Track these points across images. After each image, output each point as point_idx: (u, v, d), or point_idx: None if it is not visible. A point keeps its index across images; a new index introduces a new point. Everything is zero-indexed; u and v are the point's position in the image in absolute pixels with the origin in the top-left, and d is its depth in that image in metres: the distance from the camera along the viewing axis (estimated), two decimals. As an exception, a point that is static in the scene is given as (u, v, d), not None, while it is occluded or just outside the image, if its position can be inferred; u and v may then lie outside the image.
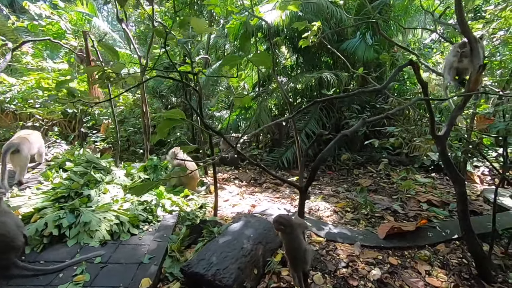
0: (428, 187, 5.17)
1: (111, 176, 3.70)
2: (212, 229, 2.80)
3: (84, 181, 3.39)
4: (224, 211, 3.78)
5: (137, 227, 2.98)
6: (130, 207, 3.20)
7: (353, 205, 4.14)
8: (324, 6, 6.42)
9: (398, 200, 4.50)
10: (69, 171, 3.50)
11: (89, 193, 3.20)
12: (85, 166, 3.66)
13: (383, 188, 5.24)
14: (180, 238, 2.73)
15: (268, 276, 2.50)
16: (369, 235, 3.31)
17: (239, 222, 2.92)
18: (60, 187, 3.27)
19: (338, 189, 5.06)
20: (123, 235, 2.81)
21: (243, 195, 4.49)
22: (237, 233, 2.69)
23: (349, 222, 3.70)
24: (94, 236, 2.69)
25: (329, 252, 2.95)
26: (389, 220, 3.78)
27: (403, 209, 4.17)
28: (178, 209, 3.46)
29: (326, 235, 3.19)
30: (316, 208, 4.08)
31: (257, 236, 2.68)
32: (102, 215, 2.91)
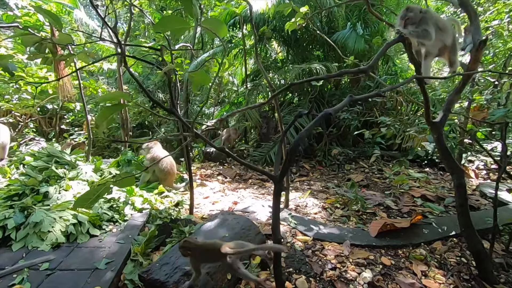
0: (422, 182, 4.94)
1: (76, 171, 3.33)
2: (182, 228, 2.48)
3: (44, 177, 3.02)
4: (202, 209, 3.45)
5: (99, 228, 2.63)
6: (95, 206, 2.85)
7: (343, 201, 3.85)
8: (312, -6, 6.13)
9: (391, 196, 4.24)
10: (27, 165, 3.13)
11: (47, 190, 2.83)
12: (46, 160, 3.28)
13: (375, 183, 4.98)
14: (146, 239, 2.39)
15: (245, 281, 2.18)
16: (360, 233, 3.03)
17: (215, 221, 2.59)
18: (15, 183, 2.90)
19: (328, 184, 4.77)
20: (80, 237, 2.46)
21: (226, 191, 4.16)
22: (210, 233, 2.37)
23: (339, 219, 3.41)
24: (46, 238, 2.34)
25: (315, 252, 2.65)
26: (381, 216, 3.50)
27: (396, 204, 3.90)
28: (150, 207, 3.12)
29: (313, 234, 2.89)
30: (304, 204, 3.79)
31: (233, 236, 2.36)
32: (58, 214, 2.55)
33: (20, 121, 8.20)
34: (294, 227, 3.04)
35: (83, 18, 9.97)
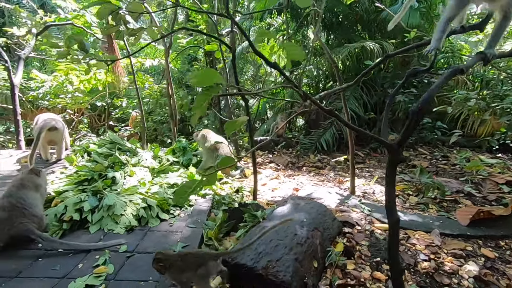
0: (500, 168, 4.34)
1: (137, 158, 3.34)
2: (254, 213, 2.31)
3: (109, 163, 3.05)
4: (263, 195, 3.29)
5: (167, 212, 2.57)
6: (159, 190, 2.80)
7: (415, 187, 3.47)
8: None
9: (468, 182, 3.75)
10: (93, 152, 3.19)
11: (113, 175, 2.84)
12: (109, 147, 3.33)
13: (444, 170, 4.47)
14: (217, 224, 2.27)
15: (331, 270, 1.96)
16: (447, 222, 2.66)
17: (287, 205, 2.40)
18: (83, 169, 2.95)
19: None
20: (151, 221, 2.41)
21: (282, 178, 3.97)
22: (286, 217, 2.18)
23: (415, 207, 3.05)
24: (119, 221, 2.31)
25: (401, 241, 2.35)
26: (466, 204, 3.08)
27: (479, 191, 3.43)
28: (212, 192, 3.02)
29: (393, 221, 2.58)
30: (371, 191, 3.47)
31: (311, 221, 2.15)
32: (127, 198, 2.53)
33: (74, 118, 8.73)
34: (369, 214, 2.76)
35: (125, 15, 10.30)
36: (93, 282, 1.67)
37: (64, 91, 8.38)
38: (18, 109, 4.40)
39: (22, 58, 4.57)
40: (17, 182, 2.14)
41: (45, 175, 2.54)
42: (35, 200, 2.14)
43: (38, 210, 2.10)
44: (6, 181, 3.12)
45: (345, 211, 2.78)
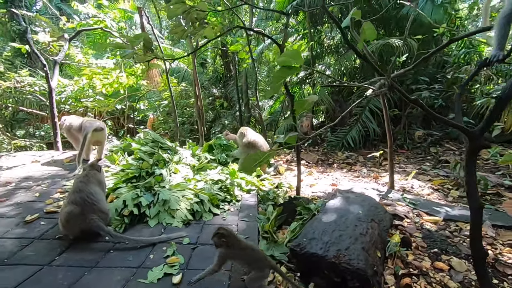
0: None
1: (178, 156, 3.42)
2: (308, 206, 2.36)
3: (153, 161, 3.14)
4: (303, 191, 3.33)
5: (217, 207, 2.63)
6: (205, 186, 2.87)
7: (454, 182, 3.46)
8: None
9: (506, 176, 3.72)
10: (137, 151, 3.27)
11: (161, 173, 2.92)
12: (152, 146, 3.42)
13: (476, 164, 4.43)
14: (273, 217, 2.32)
15: (391, 260, 1.99)
16: (496, 214, 2.65)
17: (337, 198, 2.44)
18: (130, 167, 3.04)
19: (422, 167, 4.36)
20: (205, 215, 2.48)
21: (316, 174, 4.00)
22: (341, 210, 2.22)
23: (459, 201, 3.05)
24: (176, 215, 2.38)
25: (454, 233, 2.36)
26: (509, 197, 3.06)
27: (520, 185, 3.40)
28: (255, 188, 3.07)
29: (442, 215, 2.59)
30: (409, 186, 3.48)
31: (367, 213, 2.18)
32: (179, 193, 2.60)
33: (95, 121, 8.92)
34: (414, 207, 2.77)
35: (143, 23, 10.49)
36: (169, 271, 1.74)
37: (86, 95, 8.58)
38: (55, 112, 4.55)
39: (58, 62, 4.72)
40: (83, 178, 2.21)
41: (104, 171, 2.63)
42: (101, 195, 2.23)
43: (104, 205, 2.18)
44: (56, 179, 3.25)
45: (390, 204, 2.80)
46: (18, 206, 2.57)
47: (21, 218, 2.36)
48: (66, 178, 3.27)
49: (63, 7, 15.25)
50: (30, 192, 2.86)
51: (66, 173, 3.43)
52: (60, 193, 2.87)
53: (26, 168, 3.65)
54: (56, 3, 14.94)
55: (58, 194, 2.83)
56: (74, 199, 2.05)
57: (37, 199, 2.73)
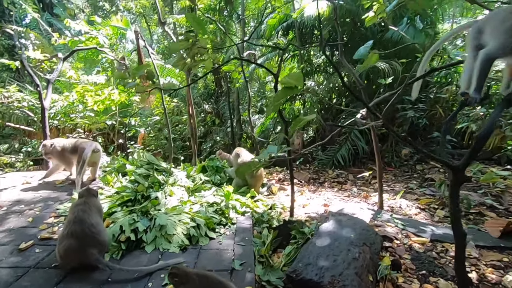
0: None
1: (173, 178, 3.46)
2: (302, 229, 2.44)
3: (149, 184, 3.17)
4: (296, 212, 3.40)
5: (213, 231, 2.67)
6: (201, 209, 2.92)
7: (439, 201, 3.62)
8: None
9: (487, 195, 3.91)
10: (132, 173, 3.30)
11: (156, 196, 2.96)
12: (147, 168, 3.45)
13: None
14: (268, 241, 2.38)
15: (383, 284, 2.08)
16: (478, 234, 2.80)
17: (330, 221, 2.53)
18: (125, 190, 3.06)
19: (409, 185, 4.53)
20: (201, 239, 2.51)
21: (308, 194, 4.10)
22: (334, 233, 2.31)
23: (444, 220, 3.19)
24: (173, 240, 2.42)
25: (440, 254, 2.48)
26: (491, 216, 3.23)
27: (501, 204, 3.59)
28: (250, 210, 3.13)
29: (429, 236, 2.72)
30: (398, 205, 3.61)
31: (359, 237, 2.28)
32: (176, 217, 2.64)
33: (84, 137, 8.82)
34: (403, 228, 2.89)
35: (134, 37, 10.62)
36: (169, 300, 1.77)
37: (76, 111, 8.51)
38: (47, 131, 4.53)
39: (51, 82, 4.74)
40: (83, 206, 2.17)
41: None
42: (101, 225, 2.20)
43: (105, 236, 2.15)
44: (48, 202, 3.22)
45: (380, 225, 2.91)
46: (11, 233, 2.55)
47: (14, 245, 2.34)
48: (59, 201, 3.25)
49: (54, 22, 15.27)
50: (23, 217, 2.84)
51: (59, 196, 3.41)
52: (54, 217, 2.85)
53: (17, 190, 3.60)
54: (47, 18, 14.95)
55: (52, 218, 2.82)
56: (74, 230, 2.02)
57: (30, 224, 2.71)
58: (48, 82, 4.72)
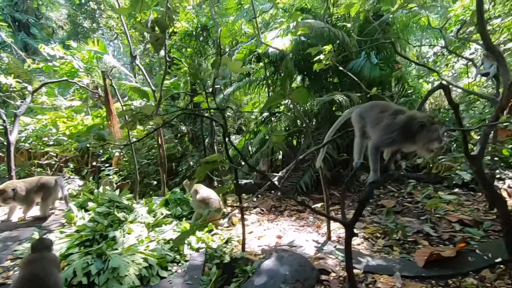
0: (454, 205, 4.99)
1: (134, 214, 3.63)
2: (245, 268, 2.68)
3: (108, 222, 3.33)
4: (250, 244, 3.65)
5: (165, 269, 2.86)
6: (157, 247, 3.11)
7: (382, 230, 3.98)
8: (326, 31, 6.61)
9: (427, 222, 4.32)
10: (93, 212, 3.45)
11: (114, 235, 3.12)
12: (108, 206, 3.61)
13: (408, 208, 5.06)
14: (213, 281, 2.60)
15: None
16: (407, 264, 3.14)
17: (272, 259, 2.79)
18: (85, 229, 3.21)
19: (362, 212, 4.89)
20: (152, 279, 2.70)
21: (267, 224, 4.36)
22: (272, 272, 2.57)
23: (383, 250, 3.53)
24: (124, 282, 2.59)
25: (369, 286, 2.79)
26: (424, 245, 3.59)
27: (436, 231, 3.98)
28: (205, 245, 3.34)
29: (362, 267, 3.03)
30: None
31: (294, 274, 2.55)
32: (130, 258, 2.81)
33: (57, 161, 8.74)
34: (342, 260, 3.19)
35: (111, 62, 10.80)
36: None
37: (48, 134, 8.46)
38: (12, 166, 4.58)
39: (18, 116, 4.83)
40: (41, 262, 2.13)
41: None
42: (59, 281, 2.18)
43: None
44: (7, 243, 3.29)
45: (322, 258, 3.20)
46: (-36, 278, 2.63)
47: (-33, 292, 2.43)
48: (18, 241, 3.34)
49: (29, 42, 15.19)
50: (-21, 260, 2.91)
51: (18, 235, 3.48)
52: (10, 260, 2.95)
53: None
54: (23, 38, 14.86)
55: (9, 261, 2.91)
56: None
57: (-15, 268, 2.80)
58: (16, 116, 4.82)
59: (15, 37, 14.66)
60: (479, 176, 2.66)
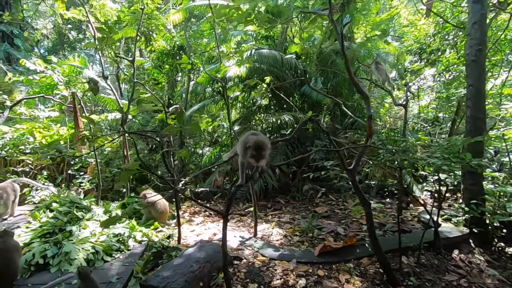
0: (376, 212, 5.93)
1: (91, 213, 4.34)
2: (171, 253, 3.45)
3: (68, 219, 4.03)
4: (188, 240, 4.41)
5: (110, 256, 3.59)
6: (106, 239, 3.83)
7: (301, 229, 4.83)
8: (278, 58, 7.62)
9: (343, 224, 5.21)
10: (55, 210, 4.15)
11: (71, 229, 3.83)
12: (69, 206, 4.30)
13: (336, 214, 5.96)
14: (144, 262, 3.36)
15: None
16: (306, 253, 3.99)
17: (194, 247, 3.58)
18: (47, 224, 3.90)
19: (296, 216, 5.75)
20: (97, 262, 3.42)
21: (209, 225, 5.14)
22: (189, 255, 3.35)
23: (294, 244, 4.37)
24: (73, 263, 3.30)
25: (269, 268, 3.61)
26: (329, 241, 4.46)
27: (345, 231, 4.87)
28: (147, 239, 4.09)
29: (269, 255, 3.85)
30: (270, 233, 4.76)
31: (206, 257, 3.34)
32: (80, 246, 3.53)
33: (32, 169, 9.23)
34: (257, 250, 4.01)
35: (91, 76, 11.49)
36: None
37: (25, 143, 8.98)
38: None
39: (-4, 128, 5.47)
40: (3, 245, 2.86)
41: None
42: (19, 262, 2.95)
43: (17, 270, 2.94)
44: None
45: (241, 249, 4.01)
46: None
47: None
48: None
49: (12, 52, 15.67)
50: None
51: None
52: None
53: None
54: (6, 48, 15.34)
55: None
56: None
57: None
58: (-6, 128, 5.45)
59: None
60: (353, 183, 3.57)
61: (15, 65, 14.78)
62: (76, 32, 22.19)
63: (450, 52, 8.99)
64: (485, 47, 4.85)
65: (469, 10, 4.97)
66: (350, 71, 3.50)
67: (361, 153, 3.70)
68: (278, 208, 6.41)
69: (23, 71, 13.22)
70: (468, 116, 4.85)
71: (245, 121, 10.36)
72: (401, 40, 12.52)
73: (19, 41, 16.22)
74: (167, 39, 11.54)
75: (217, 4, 9.89)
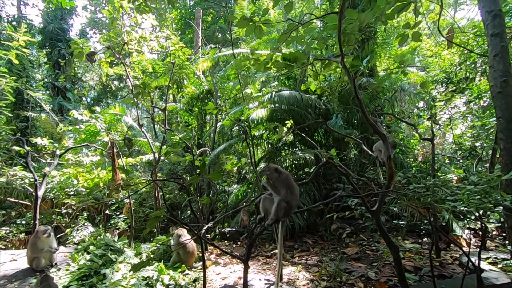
0: (412, 253, 5.55)
1: (123, 256, 4.58)
2: (196, 298, 3.50)
3: (102, 261, 4.29)
4: (214, 283, 4.43)
5: (139, 299, 3.72)
6: (136, 282, 3.99)
7: (328, 273, 4.64)
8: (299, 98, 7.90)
9: (375, 267, 4.92)
10: (92, 253, 4.45)
11: (105, 272, 4.06)
12: (104, 249, 4.60)
13: (367, 255, 5.65)
14: (170, 306, 3.43)
15: None
16: None
17: (218, 292, 3.60)
18: (83, 267, 4.18)
19: (324, 258, 5.54)
20: (127, 306, 3.56)
21: (234, 267, 5.13)
22: (214, 301, 3.38)
23: (322, 290, 4.20)
24: (105, 307, 3.47)
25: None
26: (359, 286, 4.23)
27: (377, 275, 4.59)
28: (174, 283, 4.18)
29: (294, 302, 3.74)
30: (296, 277, 4.63)
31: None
32: (113, 289, 3.72)
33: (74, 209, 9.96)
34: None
35: (129, 122, 12.63)
36: None
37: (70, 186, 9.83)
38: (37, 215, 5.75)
39: (46, 175, 6.15)
40: None
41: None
42: None
43: None
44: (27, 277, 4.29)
45: (265, 294, 3.94)
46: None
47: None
48: (35, 276, 4.33)
49: (64, 104, 17.80)
50: (5, 291, 3.91)
51: (35, 272, 4.48)
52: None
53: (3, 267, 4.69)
54: (60, 101, 17.50)
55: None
56: None
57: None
58: (44, 175, 6.14)
59: (54, 101, 17.32)
60: (377, 225, 3.48)
61: (66, 115, 16.72)
62: (118, 82, 24.85)
63: (480, 79, 8.75)
64: (511, 78, 4.74)
65: (487, 43, 4.96)
66: (364, 112, 3.58)
67: (383, 195, 3.65)
68: (305, 249, 6.23)
69: (72, 120, 14.89)
70: (502, 149, 4.63)
71: (270, 159, 10.55)
72: (426, 70, 12.43)
73: (70, 94, 18.44)
74: (196, 85, 12.50)
75: (240, 52, 10.78)
